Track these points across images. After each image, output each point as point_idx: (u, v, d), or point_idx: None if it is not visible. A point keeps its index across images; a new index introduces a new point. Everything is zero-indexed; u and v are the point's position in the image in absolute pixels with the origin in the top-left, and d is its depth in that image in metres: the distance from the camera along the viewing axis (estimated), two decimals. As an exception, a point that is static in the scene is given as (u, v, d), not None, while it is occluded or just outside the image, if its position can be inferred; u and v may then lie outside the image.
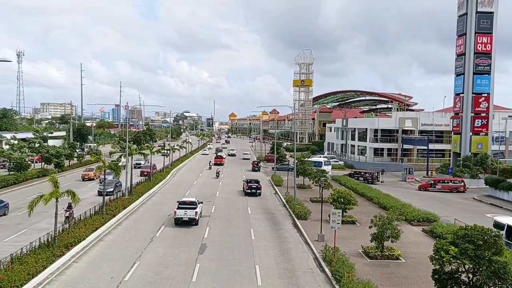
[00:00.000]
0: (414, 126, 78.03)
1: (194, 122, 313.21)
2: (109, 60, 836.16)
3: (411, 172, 62.49)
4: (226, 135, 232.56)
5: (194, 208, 30.72)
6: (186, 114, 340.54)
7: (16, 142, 58.44)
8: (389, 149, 78.74)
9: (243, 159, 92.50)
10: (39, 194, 23.32)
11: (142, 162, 65.54)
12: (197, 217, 30.80)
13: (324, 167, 57.49)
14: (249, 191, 45.69)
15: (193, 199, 32.41)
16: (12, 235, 27.25)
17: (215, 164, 75.34)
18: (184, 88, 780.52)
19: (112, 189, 40.92)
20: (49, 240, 23.34)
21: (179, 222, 30.73)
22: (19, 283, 17.89)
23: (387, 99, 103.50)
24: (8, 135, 74.26)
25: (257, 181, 47.04)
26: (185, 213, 30.42)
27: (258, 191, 45.68)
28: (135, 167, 52.95)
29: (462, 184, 52.33)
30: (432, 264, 16.47)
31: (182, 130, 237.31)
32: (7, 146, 58.93)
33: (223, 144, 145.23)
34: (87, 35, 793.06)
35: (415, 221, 32.99)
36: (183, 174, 64.50)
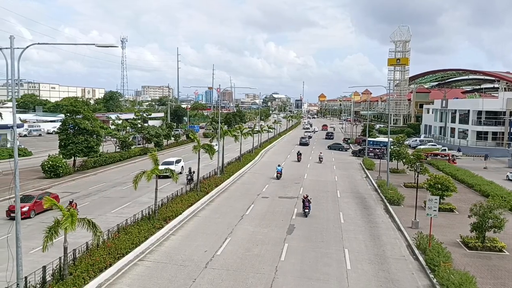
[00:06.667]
0: (524, 107, 70.43)
1: (283, 103, 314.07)
2: (199, 43, 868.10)
3: (519, 158, 56.74)
4: (311, 116, 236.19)
5: None
6: (275, 96, 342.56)
7: (120, 122, 63.57)
8: (494, 133, 72.10)
9: (330, 127, 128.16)
10: (142, 170, 25.21)
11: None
12: None
13: None
14: (326, 137, 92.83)
15: None
16: (117, 207, 29.97)
17: (322, 130, 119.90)
18: (271, 69, 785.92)
19: None
20: (150, 213, 25.26)
21: None
22: (125, 251, 19.70)
23: (493, 78, 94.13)
24: (113, 116, 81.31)
25: (332, 132, 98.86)
26: None
27: (331, 136, 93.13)
28: None
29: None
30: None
31: (270, 111, 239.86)
32: (113, 126, 64.41)
33: (308, 119, 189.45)
34: (176, 18, 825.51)
35: (524, 212, 30.10)
36: (271, 155, 65.32)
